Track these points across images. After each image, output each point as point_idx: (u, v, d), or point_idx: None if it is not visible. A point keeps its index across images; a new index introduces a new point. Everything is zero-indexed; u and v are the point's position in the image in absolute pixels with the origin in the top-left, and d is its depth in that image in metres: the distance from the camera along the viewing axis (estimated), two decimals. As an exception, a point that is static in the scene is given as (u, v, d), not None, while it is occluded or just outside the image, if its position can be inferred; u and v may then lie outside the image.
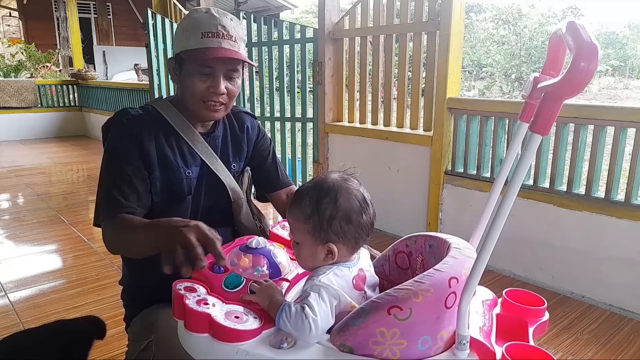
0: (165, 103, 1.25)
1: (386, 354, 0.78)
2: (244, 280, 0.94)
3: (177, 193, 1.22)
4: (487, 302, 0.98)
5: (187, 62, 1.16)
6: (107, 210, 1.12)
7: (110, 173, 1.16)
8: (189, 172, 1.22)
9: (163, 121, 1.21)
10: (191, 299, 0.85)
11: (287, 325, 0.82)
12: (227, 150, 1.31)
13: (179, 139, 1.22)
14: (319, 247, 0.91)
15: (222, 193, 1.28)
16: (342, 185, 0.91)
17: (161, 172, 1.19)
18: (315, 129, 3.62)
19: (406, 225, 2.97)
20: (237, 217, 1.31)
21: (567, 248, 2.33)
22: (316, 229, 0.90)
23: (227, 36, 1.14)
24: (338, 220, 0.89)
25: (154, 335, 1.14)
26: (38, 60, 9.52)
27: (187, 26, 1.16)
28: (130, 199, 1.13)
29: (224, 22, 1.15)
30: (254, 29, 3.87)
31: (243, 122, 1.38)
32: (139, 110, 1.22)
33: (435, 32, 2.71)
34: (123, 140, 1.16)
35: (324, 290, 0.85)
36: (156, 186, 1.19)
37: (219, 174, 1.26)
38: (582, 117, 2.20)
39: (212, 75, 1.15)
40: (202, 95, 1.16)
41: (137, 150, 1.15)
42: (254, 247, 1.01)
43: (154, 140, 1.18)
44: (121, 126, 1.18)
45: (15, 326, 2.05)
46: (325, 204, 0.89)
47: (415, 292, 0.78)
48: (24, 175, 5.17)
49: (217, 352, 0.81)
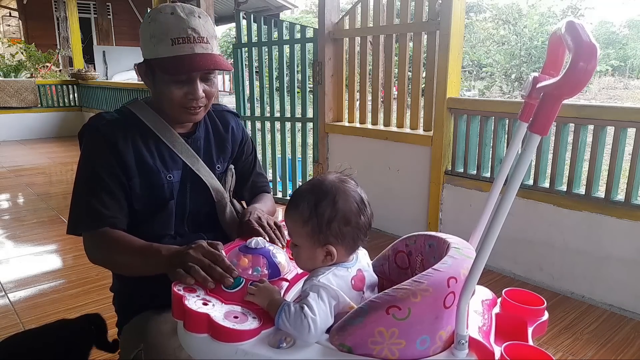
0: (141, 105, 1.21)
1: (385, 353, 0.78)
2: (243, 281, 0.94)
3: (158, 199, 1.18)
4: (487, 301, 0.98)
5: (159, 71, 1.10)
6: (88, 223, 1.11)
7: (87, 181, 1.13)
8: (170, 176, 1.18)
9: (140, 124, 1.17)
10: (190, 300, 0.85)
11: (287, 324, 0.82)
12: (211, 151, 1.27)
13: (158, 142, 1.18)
14: (318, 250, 0.91)
15: (206, 194, 1.25)
16: (340, 187, 0.91)
17: (141, 178, 1.15)
18: (315, 129, 3.62)
19: (406, 225, 2.97)
20: (222, 216, 1.28)
21: (567, 248, 2.33)
22: (315, 232, 0.90)
23: (198, 39, 1.07)
24: (337, 222, 0.89)
25: (143, 342, 1.12)
26: (38, 60, 9.52)
27: (154, 32, 1.08)
28: (111, 209, 1.11)
29: (193, 23, 1.07)
30: (254, 29, 3.88)
31: (227, 121, 1.34)
32: (114, 114, 1.18)
33: (435, 32, 2.71)
34: (99, 147, 1.12)
35: (323, 291, 0.85)
36: (136, 193, 1.15)
37: (200, 174, 1.22)
38: (582, 117, 2.20)
39: (189, 81, 1.10)
40: (180, 102, 1.12)
41: (113, 157, 1.12)
42: (253, 248, 1.01)
43: (132, 145, 1.14)
44: (96, 132, 1.13)
45: (15, 326, 2.05)
46: (324, 206, 0.89)
47: (414, 291, 0.78)
48: (24, 175, 5.17)
49: (217, 352, 0.81)
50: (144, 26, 1.11)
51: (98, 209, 1.10)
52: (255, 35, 3.89)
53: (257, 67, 4.16)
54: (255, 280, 0.94)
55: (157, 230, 1.19)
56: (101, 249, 1.12)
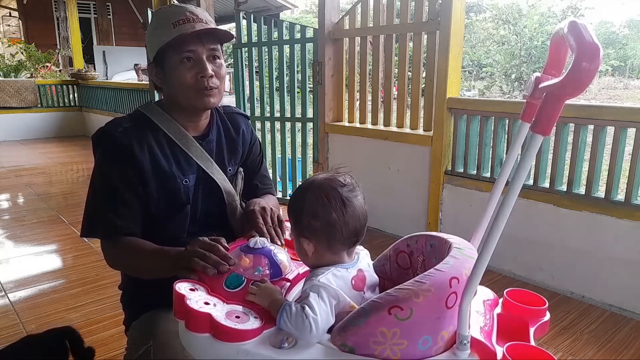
0: (155, 109, 1.22)
1: (387, 353, 0.78)
2: (245, 280, 0.94)
3: (175, 203, 1.20)
4: (488, 302, 0.98)
5: (167, 57, 1.14)
6: (105, 232, 1.15)
7: (103, 191, 1.15)
8: (186, 180, 1.20)
9: (155, 128, 1.19)
10: (192, 299, 0.85)
11: (288, 325, 0.82)
12: (223, 154, 1.29)
13: (174, 146, 1.19)
14: (301, 241, 0.95)
15: (218, 196, 1.26)
16: (317, 183, 0.93)
17: (157, 184, 1.16)
18: (315, 129, 3.62)
19: (406, 225, 2.97)
20: (232, 218, 1.29)
21: (567, 248, 2.33)
22: (293, 223, 0.96)
23: (197, 20, 1.13)
24: (305, 215, 0.92)
25: (153, 340, 1.14)
26: (38, 60, 9.52)
27: (156, 25, 1.15)
28: (126, 220, 1.14)
29: (191, 9, 1.15)
30: (254, 29, 3.88)
31: (238, 124, 1.36)
32: (129, 120, 1.19)
33: (435, 32, 2.71)
34: (115, 156, 1.14)
35: (323, 290, 0.85)
36: (153, 198, 1.17)
37: (215, 177, 1.24)
38: (582, 117, 2.20)
39: (196, 60, 1.13)
40: (192, 84, 1.14)
41: (130, 166, 1.13)
42: (255, 247, 1.01)
43: (148, 151, 1.15)
44: (112, 139, 1.15)
45: (15, 326, 2.05)
46: (298, 200, 0.94)
47: (416, 292, 0.78)
48: (24, 175, 5.17)
49: (218, 352, 0.81)
50: (149, 27, 1.18)
51: (113, 220, 1.13)
52: (255, 35, 3.89)
53: (257, 67, 4.16)
54: (257, 280, 0.94)
55: (172, 232, 1.21)
56: (118, 256, 1.17)
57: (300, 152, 3.87)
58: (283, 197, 3.96)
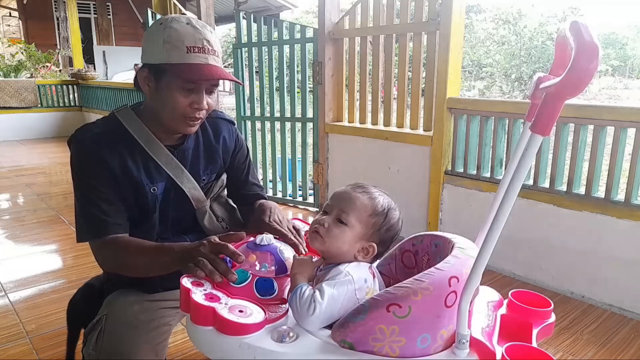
0: (129, 114, 1.20)
1: (385, 350, 0.78)
2: (250, 276, 0.97)
3: (142, 210, 1.21)
4: (492, 302, 0.98)
5: (167, 75, 1.10)
6: (94, 232, 1.15)
7: (84, 192, 1.15)
8: (154, 188, 1.20)
9: (127, 135, 1.17)
10: (197, 293, 0.88)
11: (296, 303, 0.86)
12: (198, 163, 1.29)
13: (144, 153, 1.18)
14: (362, 241, 0.97)
15: (187, 203, 1.28)
16: (393, 204, 1.04)
17: (126, 190, 1.17)
18: (315, 129, 3.62)
19: (406, 225, 2.93)
20: (202, 222, 1.32)
21: (567, 248, 2.33)
22: (374, 227, 0.98)
23: (212, 51, 1.11)
24: (390, 234, 1.01)
25: (108, 309, 1.19)
26: (38, 60, 9.52)
27: (168, 38, 1.08)
28: (112, 216, 1.15)
29: (208, 36, 1.11)
30: (254, 29, 3.88)
31: (219, 130, 1.34)
32: (101, 125, 1.19)
33: (435, 32, 2.71)
34: (86, 160, 1.14)
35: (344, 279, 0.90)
36: (126, 202, 1.18)
37: (183, 186, 1.24)
38: (582, 117, 2.20)
39: (196, 91, 1.12)
40: (183, 111, 1.12)
41: (101, 167, 1.14)
42: (261, 244, 1.04)
43: (118, 158, 1.15)
44: (83, 146, 1.15)
45: (15, 326, 2.05)
46: (394, 217, 1.02)
47: (415, 290, 0.78)
48: (24, 175, 5.17)
49: (221, 345, 0.83)
50: (155, 31, 1.11)
51: (100, 218, 1.14)
52: (255, 35, 3.89)
53: (257, 67, 4.16)
54: (262, 275, 0.98)
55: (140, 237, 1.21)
56: (113, 255, 1.17)
57: (300, 152, 3.87)
58: (283, 197, 3.96)
